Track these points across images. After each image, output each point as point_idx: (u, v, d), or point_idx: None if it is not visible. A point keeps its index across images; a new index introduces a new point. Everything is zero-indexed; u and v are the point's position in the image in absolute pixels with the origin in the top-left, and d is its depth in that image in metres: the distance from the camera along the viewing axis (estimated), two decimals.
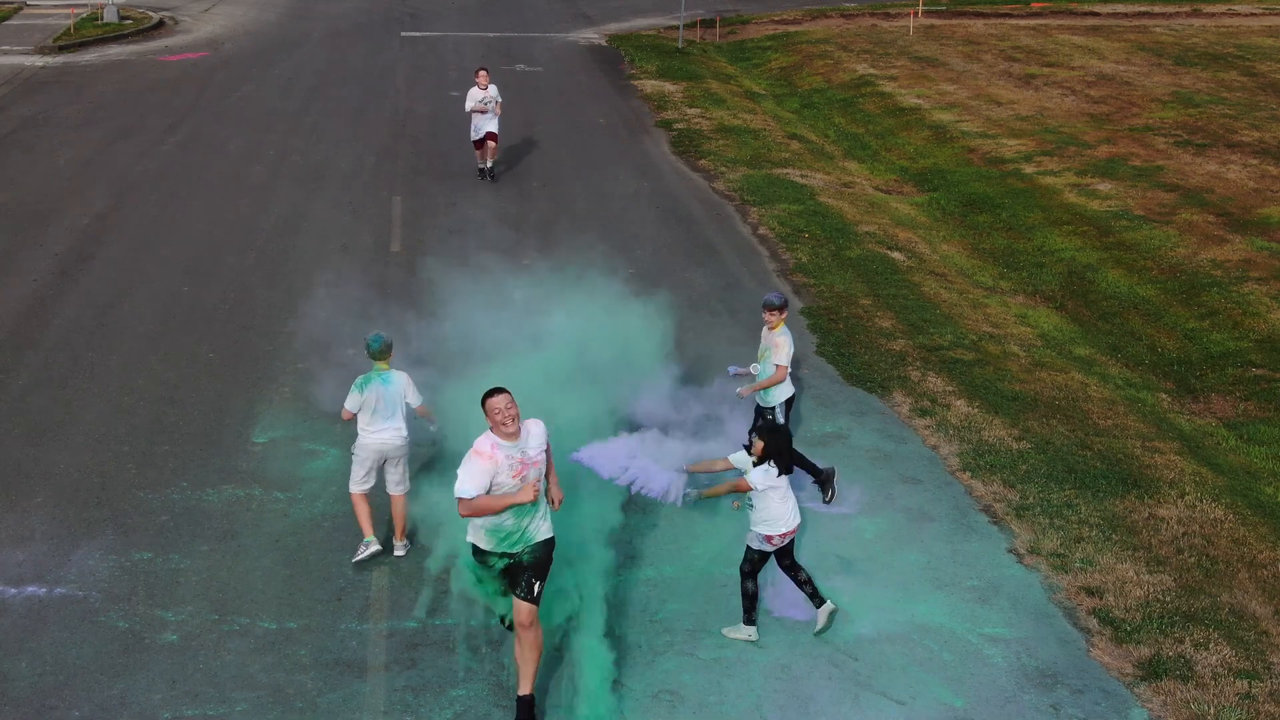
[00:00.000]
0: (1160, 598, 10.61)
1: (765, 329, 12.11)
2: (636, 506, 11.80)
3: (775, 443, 9.76)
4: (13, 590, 10.51)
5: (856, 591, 10.70)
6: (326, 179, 22.80)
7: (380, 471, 10.99)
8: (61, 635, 9.94)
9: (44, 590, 10.52)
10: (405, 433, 10.86)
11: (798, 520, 9.94)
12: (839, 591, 10.68)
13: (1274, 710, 9.30)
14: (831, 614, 10.08)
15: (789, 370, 12.03)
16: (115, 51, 35.34)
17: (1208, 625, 10.25)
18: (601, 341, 13.59)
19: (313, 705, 9.23)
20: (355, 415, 10.78)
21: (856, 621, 10.29)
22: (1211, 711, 9.28)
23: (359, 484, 10.93)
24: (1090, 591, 10.70)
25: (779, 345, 11.93)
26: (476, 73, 21.89)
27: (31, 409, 13.78)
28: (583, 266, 17.89)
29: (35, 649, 9.77)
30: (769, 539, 9.82)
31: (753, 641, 10.02)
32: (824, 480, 12.08)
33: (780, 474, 9.72)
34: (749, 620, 10.05)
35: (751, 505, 9.82)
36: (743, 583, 10.01)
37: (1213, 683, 9.58)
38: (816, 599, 10.10)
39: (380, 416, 10.72)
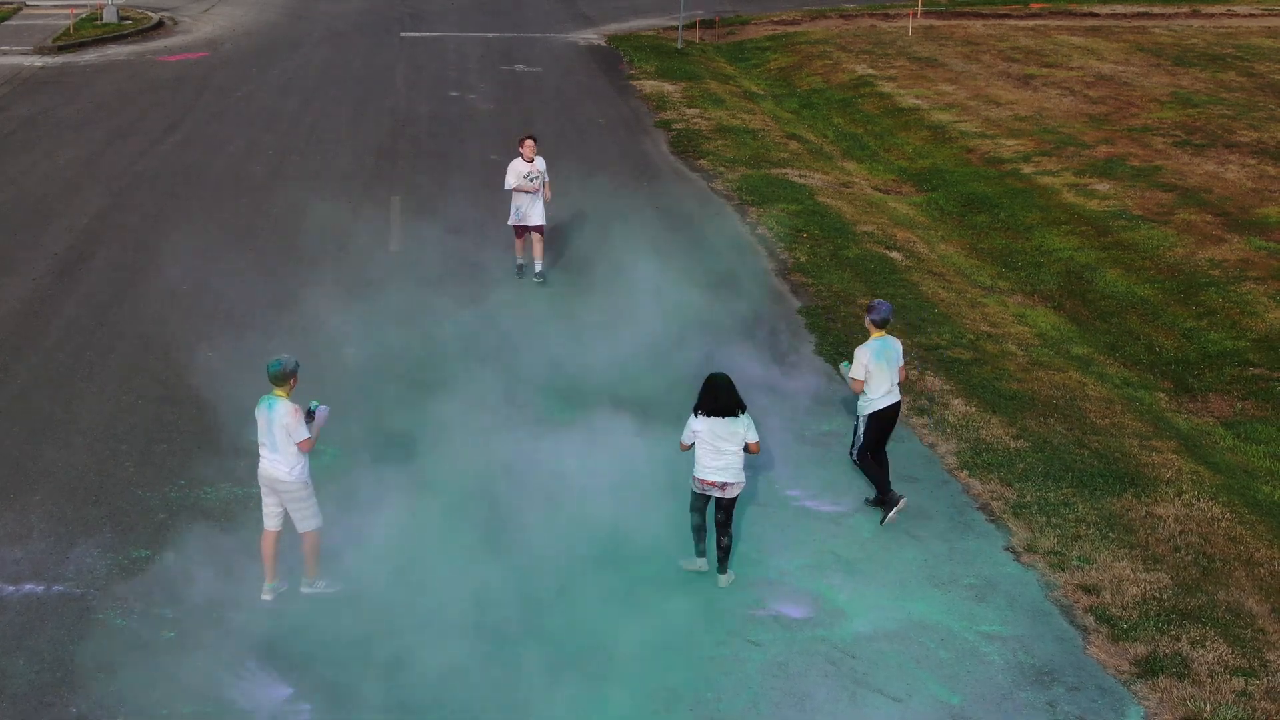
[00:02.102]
0: (1157, 596, 10.62)
1: None
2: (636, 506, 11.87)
3: (706, 389, 10.58)
4: (11, 588, 10.52)
5: (854, 589, 10.72)
6: (326, 179, 22.80)
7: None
8: (59, 633, 9.96)
9: (42, 588, 10.54)
10: (288, 468, 10.14)
11: (723, 478, 10.53)
12: (836, 589, 10.71)
13: (1270, 707, 9.32)
14: (727, 581, 10.77)
15: (861, 384, 11.55)
16: (115, 52, 35.34)
17: (1204, 623, 10.26)
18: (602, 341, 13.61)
19: (311, 704, 9.24)
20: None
21: (853, 619, 10.31)
22: (1208, 709, 9.29)
23: (264, 518, 10.45)
24: (1087, 589, 10.71)
25: (855, 356, 11.60)
26: (521, 141, 17.28)
27: (30, 407, 13.80)
28: (582, 267, 17.93)
29: (33, 646, 9.78)
30: (694, 478, 10.66)
31: (701, 571, 10.86)
32: (884, 502, 11.80)
33: (706, 416, 10.46)
34: (697, 552, 10.93)
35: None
36: (690, 517, 10.91)
37: (1209, 680, 9.59)
38: (722, 564, 10.81)
39: (265, 444, 10.23)
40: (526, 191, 16.97)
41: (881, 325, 11.65)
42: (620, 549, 11.15)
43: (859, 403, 11.76)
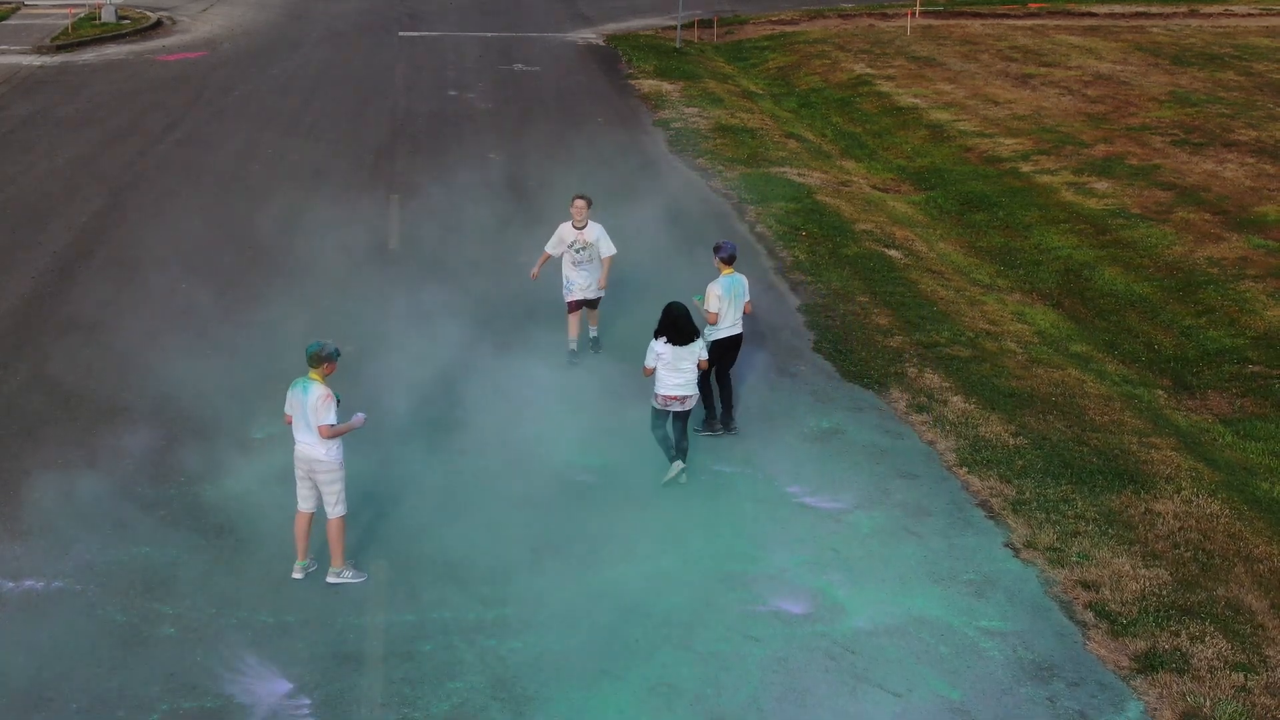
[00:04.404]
0: (1156, 592, 10.64)
1: None
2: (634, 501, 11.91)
3: (665, 319, 11.92)
4: (10, 584, 10.53)
5: (854, 585, 10.73)
6: (325, 178, 22.81)
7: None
8: (59, 629, 9.96)
9: (42, 584, 10.54)
10: (323, 451, 10.31)
11: (684, 392, 11.99)
12: (836, 585, 10.72)
13: (1270, 703, 9.33)
14: (679, 471, 12.09)
15: (716, 315, 12.90)
16: (113, 51, 35.35)
17: (1204, 619, 10.27)
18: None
19: (311, 699, 9.25)
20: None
21: (853, 615, 10.32)
22: (1207, 704, 9.30)
23: (298, 500, 10.61)
24: (1086, 585, 10.72)
25: (708, 290, 12.91)
26: (573, 200, 14.69)
27: (30, 405, 13.80)
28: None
29: (33, 642, 9.79)
30: (655, 396, 12.07)
31: (676, 476, 12.11)
32: (709, 423, 13.25)
33: (668, 343, 11.86)
34: (670, 459, 12.21)
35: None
36: (653, 433, 12.30)
37: (1209, 676, 9.61)
38: (681, 458, 12.13)
39: (300, 426, 10.36)
40: (576, 263, 14.62)
41: (729, 262, 12.93)
42: (621, 542, 11.18)
43: (705, 330, 12.86)
